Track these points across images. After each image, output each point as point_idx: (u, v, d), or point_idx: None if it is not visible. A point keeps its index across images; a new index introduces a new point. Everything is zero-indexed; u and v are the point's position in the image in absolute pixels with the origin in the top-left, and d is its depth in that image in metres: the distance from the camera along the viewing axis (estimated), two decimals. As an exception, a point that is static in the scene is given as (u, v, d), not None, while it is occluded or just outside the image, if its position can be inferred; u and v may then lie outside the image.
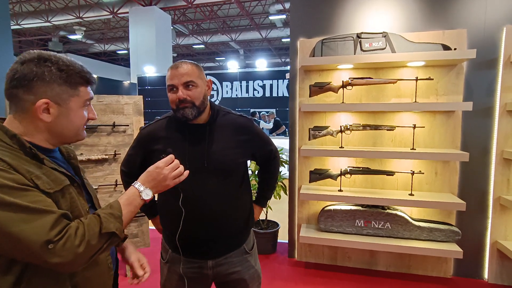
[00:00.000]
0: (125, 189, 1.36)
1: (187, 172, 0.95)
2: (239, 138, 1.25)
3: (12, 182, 0.68)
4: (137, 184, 0.88)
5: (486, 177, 2.41)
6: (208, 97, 1.23)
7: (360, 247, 2.44)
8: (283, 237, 3.19)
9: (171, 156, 0.94)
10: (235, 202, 1.25)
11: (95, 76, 0.89)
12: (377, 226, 2.50)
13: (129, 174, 1.32)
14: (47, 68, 0.75)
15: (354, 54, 2.40)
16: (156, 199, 1.31)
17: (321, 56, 2.47)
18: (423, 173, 2.38)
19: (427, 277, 2.56)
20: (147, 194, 0.87)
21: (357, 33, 2.42)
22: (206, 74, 1.24)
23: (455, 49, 2.20)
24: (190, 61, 1.19)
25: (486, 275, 2.50)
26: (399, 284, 2.49)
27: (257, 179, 2.87)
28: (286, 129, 8.29)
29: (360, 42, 2.39)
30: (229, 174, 1.23)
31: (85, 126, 0.89)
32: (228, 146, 1.21)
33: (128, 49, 15.20)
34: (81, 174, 0.95)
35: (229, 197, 1.23)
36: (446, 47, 2.23)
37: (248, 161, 1.50)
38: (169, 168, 0.91)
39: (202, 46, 17.36)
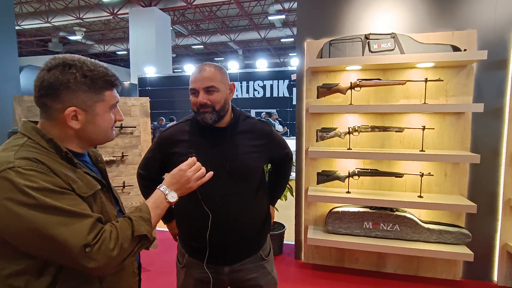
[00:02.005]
0: (142, 193, 1.35)
1: (210, 173, 0.95)
2: (259, 143, 1.24)
3: (52, 185, 0.69)
4: (163, 187, 0.89)
5: (495, 179, 2.40)
6: (230, 100, 1.22)
7: (369, 249, 2.43)
8: (288, 238, 3.17)
9: (194, 158, 0.94)
10: (253, 207, 1.24)
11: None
12: (385, 228, 2.48)
13: (147, 178, 1.31)
14: (72, 76, 0.75)
15: (362, 55, 2.38)
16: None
17: (329, 57, 2.45)
18: (432, 175, 2.36)
19: (436, 280, 2.54)
20: (173, 197, 0.89)
21: (365, 34, 2.40)
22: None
23: (465, 50, 2.19)
24: (214, 63, 1.17)
25: (495, 278, 2.49)
26: (407, 287, 2.47)
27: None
28: (288, 130, 8.28)
29: (368, 43, 2.38)
30: (249, 179, 1.22)
31: (113, 128, 0.90)
32: (248, 151, 1.20)
33: (127, 50, 15.17)
34: (108, 178, 0.95)
35: (248, 202, 1.22)
36: (455, 48, 2.21)
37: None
38: (192, 170, 0.92)
39: (201, 46, 17.35)
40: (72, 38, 15.06)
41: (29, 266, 0.70)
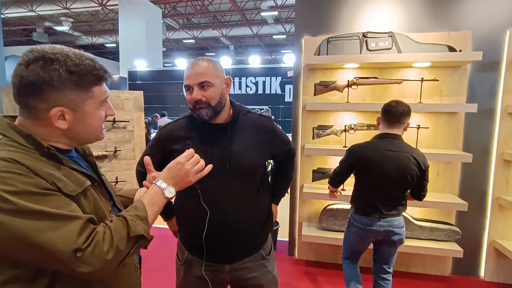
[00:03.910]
0: None
1: (210, 166, 0.91)
2: (260, 139, 1.22)
3: (34, 187, 0.63)
4: (159, 182, 0.83)
5: (486, 177, 2.46)
6: (227, 95, 1.19)
7: (363, 246, 2.45)
8: (281, 235, 3.18)
9: (191, 150, 0.89)
10: (255, 205, 1.22)
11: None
12: (379, 225, 2.51)
13: (146, 175, 1.27)
14: (55, 72, 0.68)
15: (360, 53, 2.39)
16: (172, 200, 1.27)
17: (327, 54, 2.45)
18: (425, 172, 2.40)
19: (426, 275, 2.59)
20: (170, 192, 0.83)
21: (363, 32, 2.41)
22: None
23: (460, 50, 2.22)
24: (208, 58, 1.14)
25: (482, 273, 2.56)
26: (398, 282, 2.52)
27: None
28: (279, 127, 8.28)
29: (366, 41, 2.39)
30: (250, 176, 1.20)
31: (103, 125, 0.84)
32: (249, 147, 1.18)
33: (116, 42, 14.86)
34: (99, 172, 0.89)
35: (249, 199, 1.20)
36: (451, 49, 2.24)
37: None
38: (191, 162, 0.87)
39: (192, 41, 17.13)
40: (58, 28, 14.62)
41: (20, 274, 0.66)
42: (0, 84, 3.54)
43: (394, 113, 1.73)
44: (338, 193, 2.09)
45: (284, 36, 15.96)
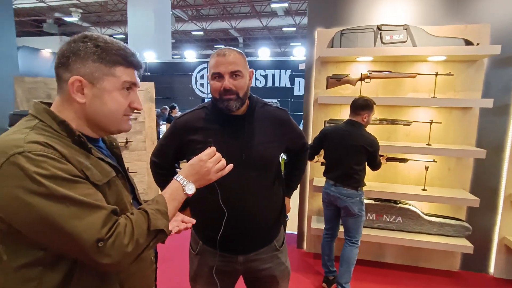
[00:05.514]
0: (156, 181, 1.33)
1: (230, 166, 0.91)
2: (277, 132, 1.22)
3: (64, 173, 0.64)
4: (180, 178, 0.84)
5: (498, 174, 2.43)
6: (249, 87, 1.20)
7: (372, 240, 2.46)
8: (290, 228, 3.20)
9: (213, 148, 0.89)
10: (270, 197, 1.23)
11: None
12: (388, 220, 2.52)
13: (161, 166, 1.29)
14: (83, 44, 0.73)
15: (374, 46, 2.37)
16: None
17: (340, 47, 2.43)
18: (436, 162, 2.39)
19: (434, 270, 2.60)
20: (190, 189, 0.84)
21: (377, 25, 2.37)
22: (206, 62, 1.19)
23: (477, 44, 2.18)
24: (235, 48, 1.15)
25: (491, 270, 2.55)
26: (406, 276, 2.53)
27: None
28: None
29: (380, 34, 2.35)
30: (266, 168, 1.20)
31: (129, 116, 0.83)
32: (266, 140, 1.18)
33: (125, 34, 14.87)
34: (123, 164, 0.90)
35: (265, 191, 1.20)
36: (468, 42, 2.20)
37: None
38: (212, 161, 0.87)
39: (201, 32, 17.04)
40: (67, 19, 14.67)
41: (43, 257, 0.67)
42: (13, 73, 3.58)
43: (353, 105, 2.11)
44: (317, 162, 2.46)
45: (294, 29, 15.75)
